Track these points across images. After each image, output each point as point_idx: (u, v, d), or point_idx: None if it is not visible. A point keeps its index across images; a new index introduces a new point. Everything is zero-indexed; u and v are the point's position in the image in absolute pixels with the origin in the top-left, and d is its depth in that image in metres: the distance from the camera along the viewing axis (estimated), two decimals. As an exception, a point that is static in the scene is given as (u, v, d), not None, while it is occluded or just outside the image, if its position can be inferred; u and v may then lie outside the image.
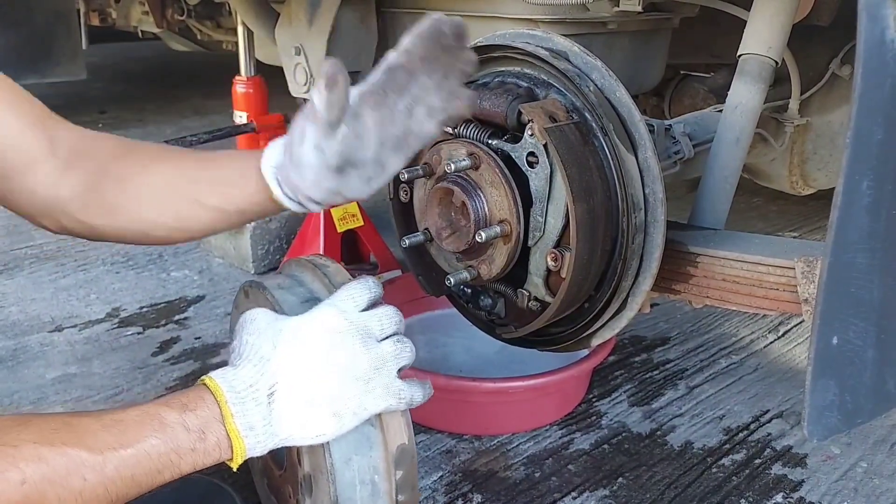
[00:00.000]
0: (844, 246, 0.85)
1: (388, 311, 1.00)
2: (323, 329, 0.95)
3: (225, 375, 0.92)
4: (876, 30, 0.76)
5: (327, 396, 0.93)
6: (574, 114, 1.13)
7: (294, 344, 0.94)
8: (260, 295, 1.13)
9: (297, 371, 0.92)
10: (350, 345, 0.95)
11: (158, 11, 3.71)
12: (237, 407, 0.90)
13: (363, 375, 0.95)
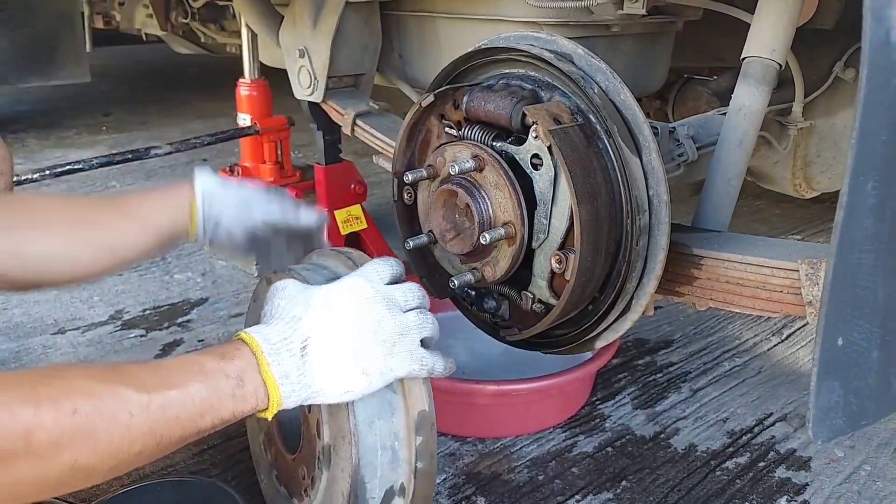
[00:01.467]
0: (849, 247, 0.85)
1: (412, 286, 1.07)
2: (351, 295, 1.01)
3: (259, 331, 0.97)
4: (881, 31, 0.76)
5: (356, 354, 0.98)
6: (578, 116, 1.13)
7: (324, 306, 0.99)
8: (284, 277, 1.15)
9: (328, 329, 0.97)
10: (377, 310, 1.01)
11: (162, 14, 3.72)
12: (272, 357, 0.94)
13: (389, 339, 1.00)
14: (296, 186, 2.43)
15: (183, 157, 3.60)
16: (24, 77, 3.63)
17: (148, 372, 0.89)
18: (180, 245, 1.30)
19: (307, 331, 0.97)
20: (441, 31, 1.79)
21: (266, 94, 2.51)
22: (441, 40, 1.80)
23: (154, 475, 1.49)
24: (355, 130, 1.87)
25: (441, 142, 1.25)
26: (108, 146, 3.92)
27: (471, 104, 1.18)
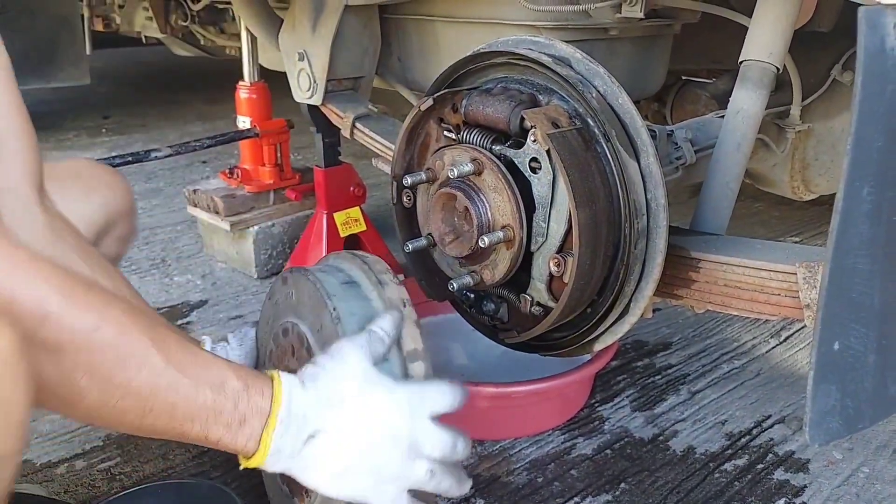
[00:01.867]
0: (845, 251, 0.86)
1: (447, 440, 1.00)
2: (385, 420, 0.96)
3: (292, 390, 0.94)
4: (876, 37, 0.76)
5: (348, 473, 0.95)
6: (577, 120, 1.14)
7: (355, 414, 0.95)
8: (301, 278, 1.18)
9: (341, 438, 0.94)
10: (397, 458, 0.96)
11: (162, 17, 3.73)
12: (282, 426, 0.91)
13: (386, 482, 0.97)
14: (295, 189, 2.43)
15: (183, 160, 3.61)
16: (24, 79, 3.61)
17: (179, 345, 0.87)
18: None
19: (323, 425, 0.93)
20: (440, 35, 1.80)
21: (265, 96, 2.51)
22: (440, 44, 1.81)
23: (154, 477, 1.49)
24: (354, 133, 1.88)
25: (440, 145, 1.26)
26: (108, 148, 3.93)
27: (469, 108, 1.18)
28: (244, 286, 2.36)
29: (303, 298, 1.18)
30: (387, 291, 1.15)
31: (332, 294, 1.13)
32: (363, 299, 1.15)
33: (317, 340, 1.14)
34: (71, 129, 4.30)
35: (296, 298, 1.20)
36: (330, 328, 1.10)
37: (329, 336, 1.10)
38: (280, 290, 1.26)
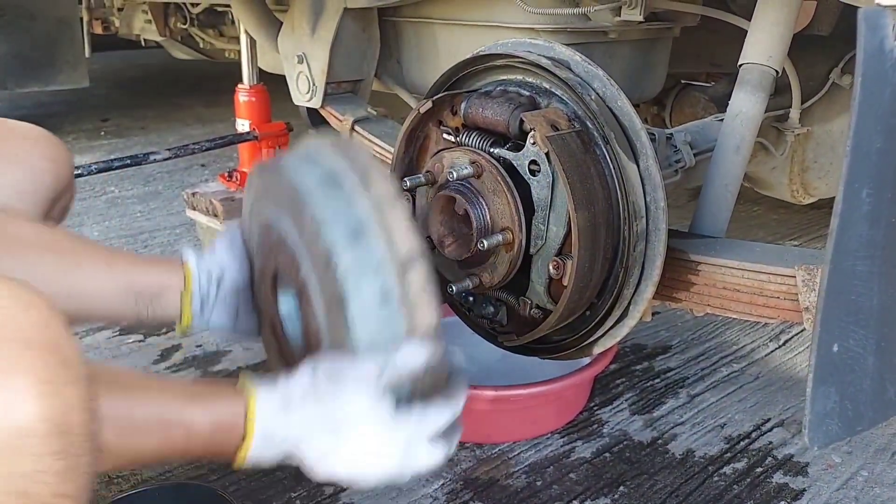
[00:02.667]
0: (844, 254, 0.86)
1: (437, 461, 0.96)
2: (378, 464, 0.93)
3: (268, 423, 0.89)
4: (875, 39, 0.76)
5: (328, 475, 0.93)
6: (576, 122, 1.14)
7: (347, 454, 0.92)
8: (274, 174, 1.05)
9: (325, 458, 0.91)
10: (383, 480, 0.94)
11: (161, 20, 3.73)
12: (256, 451, 0.89)
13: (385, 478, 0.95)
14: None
15: (181, 163, 3.61)
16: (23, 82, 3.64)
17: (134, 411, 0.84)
18: (166, 322, 1.11)
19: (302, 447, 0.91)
20: (439, 38, 1.80)
21: (265, 99, 2.51)
22: (439, 47, 1.81)
23: (152, 480, 1.49)
24: (353, 136, 1.88)
25: (439, 148, 1.26)
26: (107, 151, 3.92)
27: (469, 110, 1.18)
28: (243, 289, 2.35)
29: (281, 196, 1.05)
30: (374, 189, 0.99)
31: (310, 196, 0.99)
32: (344, 200, 0.99)
33: (298, 244, 1.02)
34: (70, 132, 4.30)
35: (275, 193, 1.07)
36: (310, 233, 0.98)
37: (312, 241, 0.98)
38: (255, 184, 1.14)
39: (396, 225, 0.96)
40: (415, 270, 0.95)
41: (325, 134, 1.09)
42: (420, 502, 1.44)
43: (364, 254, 0.95)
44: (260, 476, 1.50)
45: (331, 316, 0.97)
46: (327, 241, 0.96)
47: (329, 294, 0.96)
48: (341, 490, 1.47)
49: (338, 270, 0.94)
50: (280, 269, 1.07)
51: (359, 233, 0.96)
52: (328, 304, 0.97)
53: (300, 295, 1.04)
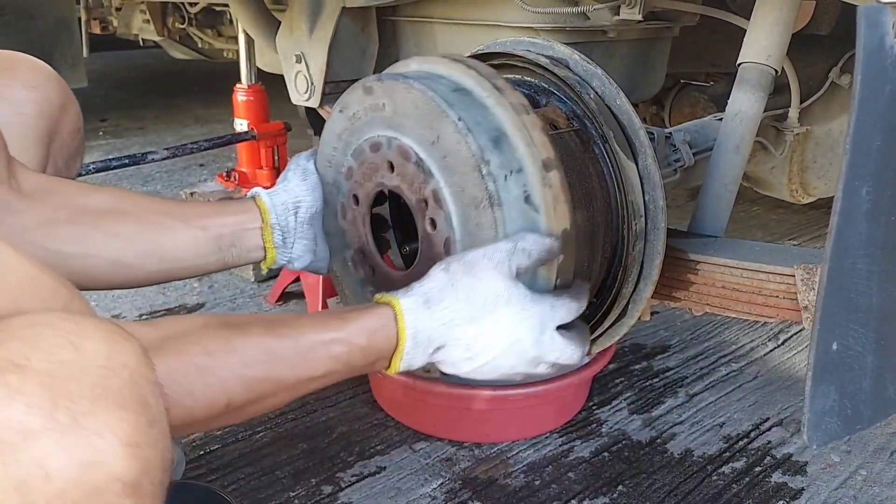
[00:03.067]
0: (844, 252, 0.86)
1: (569, 351, 1.02)
2: (516, 344, 0.97)
3: (417, 320, 0.94)
4: (875, 36, 0.76)
5: (477, 376, 0.99)
6: (575, 121, 1.14)
7: (487, 337, 0.96)
8: (397, 87, 1.06)
9: (471, 356, 0.97)
10: (521, 367, 1.00)
11: (159, 20, 3.73)
12: (409, 355, 0.95)
13: (510, 377, 1.01)
14: (293, 191, 2.43)
15: (180, 163, 3.61)
16: (21, 82, 3.63)
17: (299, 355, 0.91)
18: (252, 260, 1.17)
19: (450, 340, 0.96)
20: (438, 37, 1.80)
21: (263, 99, 2.51)
22: (438, 46, 1.81)
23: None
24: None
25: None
26: (105, 151, 3.92)
27: (467, 109, 1.18)
28: (241, 289, 2.35)
29: (405, 109, 1.06)
30: (507, 97, 1.03)
31: (451, 103, 1.02)
32: (482, 107, 1.03)
33: (430, 154, 1.04)
34: (68, 132, 4.29)
35: (392, 109, 1.08)
36: (452, 140, 1.01)
37: (450, 149, 1.02)
38: (360, 102, 1.13)
39: (534, 130, 1.01)
40: (554, 172, 0.99)
41: (436, 56, 1.12)
42: (419, 502, 1.44)
43: (509, 157, 1.00)
44: (259, 475, 1.50)
45: (475, 217, 1.01)
46: (473, 145, 0.99)
47: (473, 196, 1.01)
48: (339, 489, 1.47)
49: (486, 171, 0.99)
50: (388, 187, 1.10)
51: (500, 137, 1.01)
52: (472, 207, 1.01)
53: (420, 211, 1.07)
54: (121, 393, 0.61)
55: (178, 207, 1.14)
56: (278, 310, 2.21)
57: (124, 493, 0.59)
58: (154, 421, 0.63)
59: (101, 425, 0.59)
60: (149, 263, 1.09)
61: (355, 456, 1.57)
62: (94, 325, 0.64)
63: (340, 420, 1.67)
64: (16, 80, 1.16)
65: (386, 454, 1.57)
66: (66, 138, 1.22)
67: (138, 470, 0.60)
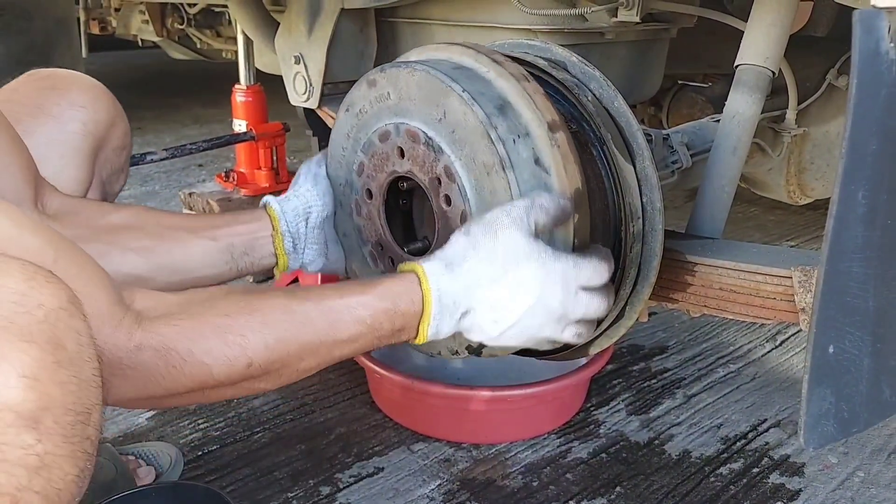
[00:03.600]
0: (840, 255, 0.86)
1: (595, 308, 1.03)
2: (541, 301, 0.98)
3: (440, 283, 0.96)
4: (870, 40, 0.76)
5: (506, 341, 1.00)
6: (573, 123, 1.14)
7: (512, 295, 0.97)
8: (400, 73, 1.08)
9: (498, 317, 0.97)
10: (548, 326, 1.00)
11: (158, 20, 3.73)
12: (435, 320, 0.96)
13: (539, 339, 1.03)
14: (291, 192, 2.43)
15: (178, 163, 3.61)
16: (20, 82, 3.62)
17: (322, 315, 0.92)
18: (265, 268, 1.21)
19: (474, 304, 0.97)
20: (436, 38, 1.80)
21: (261, 99, 2.51)
22: (436, 47, 1.80)
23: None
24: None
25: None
26: (104, 151, 3.92)
27: (466, 111, 1.18)
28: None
29: (409, 93, 1.08)
30: (506, 68, 1.05)
31: (455, 78, 1.04)
32: (484, 80, 1.06)
33: (439, 131, 1.07)
34: (67, 132, 4.29)
35: (397, 96, 1.11)
36: (459, 112, 1.03)
37: (458, 121, 1.04)
38: (366, 96, 1.15)
39: (536, 95, 1.04)
40: (560, 133, 1.02)
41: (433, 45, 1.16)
42: (417, 503, 1.44)
43: (515, 123, 1.03)
44: (257, 476, 1.50)
45: (488, 185, 1.03)
46: (480, 113, 1.01)
47: (485, 163, 1.03)
48: (338, 490, 1.47)
49: (495, 136, 1.01)
50: (400, 173, 1.12)
51: (505, 104, 1.04)
52: (484, 174, 1.03)
53: (434, 190, 1.10)
54: (27, 328, 0.62)
55: (191, 221, 1.19)
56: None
57: (18, 423, 0.59)
58: (65, 362, 0.63)
59: (2, 354, 0.59)
60: (163, 275, 1.13)
61: (353, 457, 1.57)
62: (21, 266, 0.65)
63: (339, 421, 1.68)
64: (65, 98, 1.22)
65: (384, 455, 1.58)
66: (111, 155, 1.28)
67: (35, 403, 0.60)
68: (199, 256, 1.15)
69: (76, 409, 0.63)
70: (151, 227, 1.14)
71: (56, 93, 1.23)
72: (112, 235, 1.11)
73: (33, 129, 1.12)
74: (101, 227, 1.11)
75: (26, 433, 0.59)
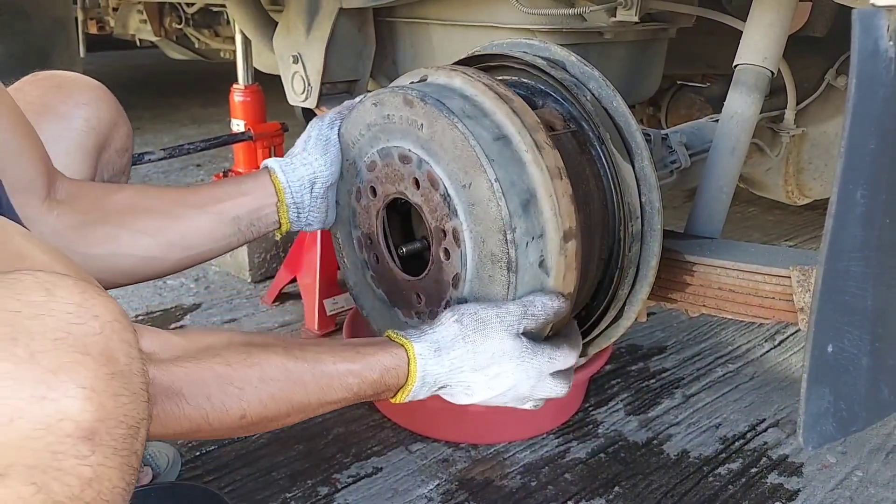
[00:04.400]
0: (839, 254, 0.86)
1: (558, 391, 1.09)
2: (513, 389, 1.05)
3: (427, 365, 1.01)
4: (869, 39, 0.76)
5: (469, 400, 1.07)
6: (571, 123, 1.14)
7: (488, 383, 1.04)
8: (440, 117, 1.05)
9: (471, 394, 1.05)
10: (516, 404, 1.09)
11: (156, 20, 3.72)
12: (415, 392, 1.02)
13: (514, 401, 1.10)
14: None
15: (176, 163, 3.60)
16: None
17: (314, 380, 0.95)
18: (269, 231, 1.24)
19: (452, 382, 1.04)
20: (435, 38, 1.79)
21: (260, 99, 2.50)
22: (435, 47, 1.80)
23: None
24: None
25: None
26: (102, 151, 3.91)
27: (464, 111, 1.18)
28: (238, 290, 2.35)
29: (443, 142, 1.06)
30: (545, 158, 1.03)
31: (491, 158, 1.02)
32: (519, 164, 1.04)
33: (459, 195, 1.06)
34: (65, 132, 4.28)
35: (429, 134, 1.07)
36: (484, 196, 1.02)
37: (480, 201, 1.03)
38: (398, 109, 1.12)
39: (563, 198, 1.04)
40: (572, 242, 1.05)
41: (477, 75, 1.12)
42: (415, 503, 1.44)
43: (534, 223, 1.03)
44: (255, 476, 1.50)
45: (489, 271, 1.06)
46: (504, 209, 1.01)
47: (493, 253, 1.04)
48: (336, 491, 1.47)
49: (511, 238, 1.02)
50: (410, 201, 1.13)
51: (531, 199, 1.04)
52: (489, 261, 1.05)
53: (437, 237, 1.11)
54: (83, 339, 0.62)
55: (196, 196, 1.20)
56: (274, 310, 2.20)
57: (76, 434, 0.60)
58: (118, 374, 0.63)
59: (58, 364, 0.60)
60: (174, 254, 1.16)
61: (352, 457, 1.57)
62: (74, 280, 0.66)
63: (337, 421, 1.67)
64: (70, 97, 1.25)
65: (383, 455, 1.57)
66: (114, 155, 1.30)
67: (93, 414, 0.61)
68: (208, 232, 1.17)
69: (128, 422, 0.64)
70: (159, 205, 1.17)
71: (61, 91, 1.25)
72: (120, 217, 1.13)
73: (40, 125, 1.14)
74: (108, 209, 1.13)
75: (82, 444, 0.60)
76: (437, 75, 1.15)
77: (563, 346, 1.08)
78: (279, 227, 1.23)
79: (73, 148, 1.22)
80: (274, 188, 1.20)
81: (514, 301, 1.04)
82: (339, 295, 2.06)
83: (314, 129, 1.24)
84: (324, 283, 2.05)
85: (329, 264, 2.05)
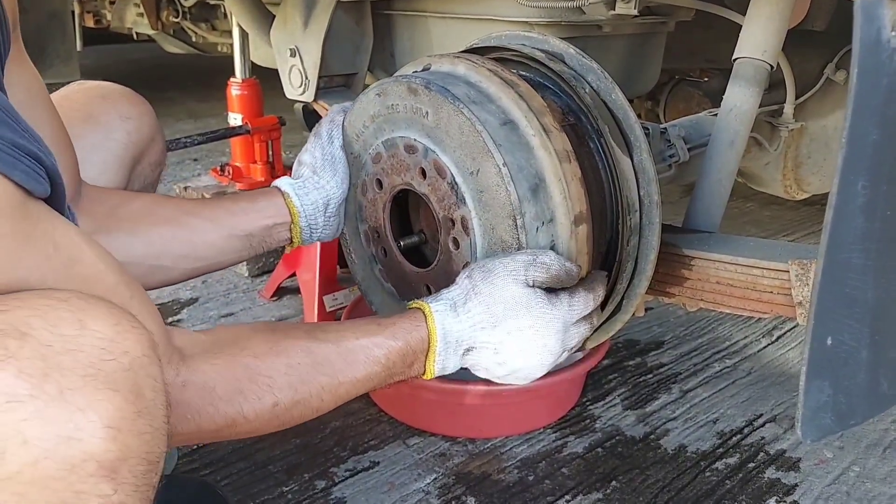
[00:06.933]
0: (839, 246, 0.85)
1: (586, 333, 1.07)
2: (540, 342, 1.01)
3: (445, 323, 0.99)
4: (872, 29, 0.76)
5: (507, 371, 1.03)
6: (570, 116, 1.13)
7: (512, 338, 1.00)
8: (446, 105, 1.04)
9: (500, 357, 1.01)
10: (547, 360, 1.03)
11: (153, 13, 3.71)
12: (441, 356, 1.00)
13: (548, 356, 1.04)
14: (287, 186, 2.42)
15: (173, 157, 3.59)
16: (14, 76, 3.60)
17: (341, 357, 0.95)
18: (279, 246, 1.25)
19: (477, 343, 1.00)
20: (433, 31, 1.79)
21: (257, 93, 2.50)
22: (433, 40, 1.80)
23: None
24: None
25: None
26: (99, 145, 3.90)
27: (462, 103, 1.17)
28: (234, 284, 2.35)
29: (449, 129, 1.05)
30: (553, 142, 1.03)
31: (499, 143, 1.01)
32: (527, 149, 1.03)
33: (467, 183, 1.05)
34: (61, 126, 4.27)
35: (434, 121, 1.07)
36: (493, 181, 1.02)
37: (489, 187, 1.02)
38: (402, 98, 1.11)
39: (572, 181, 1.04)
40: (583, 226, 1.04)
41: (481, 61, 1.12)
42: (412, 497, 1.44)
43: (544, 207, 1.03)
44: (252, 470, 1.50)
45: None
46: (513, 194, 1.01)
47: (502, 239, 1.04)
48: (333, 484, 1.47)
49: (521, 223, 1.01)
50: (417, 191, 1.13)
51: (540, 184, 1.03)
52: (498, 247, 1.04)
53: (445, 227, 1.10)
54: (114, 376, 0.63)
55: (210, 209, 1.21)
56: (271, 305, 2.20)
57: (99, 474, 0.61)
58: (144, 412, 0.64)
59: (86, 403, 0.61)
60: (184, 264, 1.18)
61: (349, 451, 1.56)
62: (108, 310, 0.66)
63: (334, 415, 1.67)
64: (114, 109, 1.28)
65: (379, 449, 1.57)
66: (147, 169, 1.33)
67: (116, 454, 0.62)
68: (220, 245, 1.19)
69: (149, 458, 0.65)
70: (171, 216, 1.18)
71: (106, 102, 1.28)
72: (133, 225, 1.14)
73: (82, 133, 1.17)
74: (122, 217, 1.14)
75: (105, 483, 0.61)
76: (441, 63, 1.14)
77: (578, 291, 1.04)
78: (290, 243, 1.25)
79: (111, 158, 1.25)
80: (288, 210, 1.22)
81: (524, 251, 1.02)
82: (338, 291, 2.06)
83: (317, 150, 1.26)
84: (323, 279, 2.05)
85: (328, 260, 2.04)
